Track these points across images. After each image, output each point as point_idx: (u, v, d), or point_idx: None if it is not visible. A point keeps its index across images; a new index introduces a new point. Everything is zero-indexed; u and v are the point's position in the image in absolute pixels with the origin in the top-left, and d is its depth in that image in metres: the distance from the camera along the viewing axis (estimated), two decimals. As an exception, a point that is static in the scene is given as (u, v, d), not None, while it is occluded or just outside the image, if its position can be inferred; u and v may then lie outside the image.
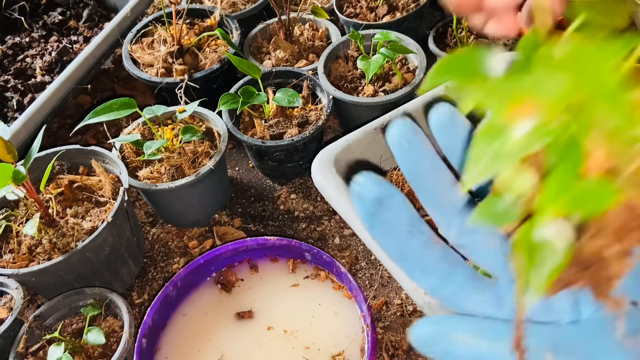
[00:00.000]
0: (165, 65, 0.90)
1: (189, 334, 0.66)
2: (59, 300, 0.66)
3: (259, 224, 0.82)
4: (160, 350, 0.65)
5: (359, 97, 0.80)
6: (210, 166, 0.73)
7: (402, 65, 0.88)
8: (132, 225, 0.73)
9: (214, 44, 0.96)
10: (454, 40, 0.91)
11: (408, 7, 0.98)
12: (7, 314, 0.64)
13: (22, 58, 1.04)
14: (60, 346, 0.60)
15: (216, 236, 0.81)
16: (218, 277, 0.71)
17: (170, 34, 0.93)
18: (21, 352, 0.62)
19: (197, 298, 0.70)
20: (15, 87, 0.98)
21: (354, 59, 0.88)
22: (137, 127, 0.80)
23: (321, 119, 0.79)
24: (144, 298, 0.75)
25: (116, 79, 1.10)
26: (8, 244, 0.68)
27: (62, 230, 0.66)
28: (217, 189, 0.81)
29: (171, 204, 0.79)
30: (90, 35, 1.11)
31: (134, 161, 0.77)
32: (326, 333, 0.64)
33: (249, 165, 0.91)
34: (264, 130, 0.80)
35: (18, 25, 1.13)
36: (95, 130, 0.99)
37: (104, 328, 0.64)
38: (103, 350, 0.63)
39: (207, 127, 0.81)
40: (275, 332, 0.65)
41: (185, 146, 0.76)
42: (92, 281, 0.69)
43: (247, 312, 0.67)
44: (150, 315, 0.64)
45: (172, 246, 0.81)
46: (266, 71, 0.86)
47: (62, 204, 0.70)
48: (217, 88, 0.90)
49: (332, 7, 1.01)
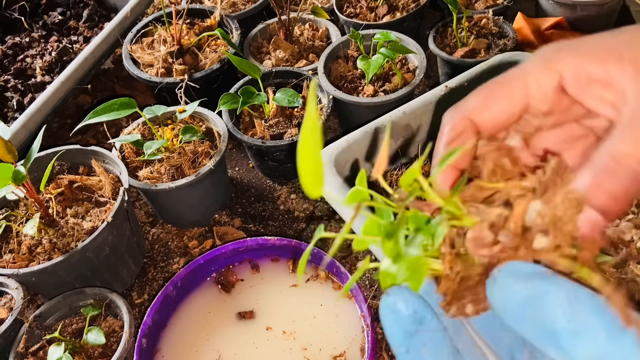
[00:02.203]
0: (165, 65, 0.90)
1: (189, 334, 0.66)
2: (59, 300, 0.66)
3: (259, 224, 0.82)
4: (160, 350, 0.65)
5: (359, 97, 0.80)
6: (210, 166, 0.73)
7: (402, 65, 0.88)
8: (132, 225, 0.73)
9: (214, 44, 0.96)
10: (454, 40, 0.91)
11: (408, 7, 0.98)
12: (7, 314, 0.64)
13: (22, 58, 1.04)
14: (60, 346, 0.60)
15: (216, 236, 0.81)
16: (218, 277, 0.71)
17: (170, 34, 0.93)
18: (21, 352, 0.62)
19: (197, 298, 0.70)
20: (15, 87, 0.98)
21: (354, 59, 0.88)
22: (137, 127, 0.80)
23: (321, 119, 0.79)
24: (144, 298, 0.75)
25: (116, 79, 1.10)
26: (8, 244, 0.68)
27: (62, 230, 0.66)
28: (217, 189, 0.81)
29: (171, 204, 0.79)
30: (90, 35, 1.11)
31: (134, 161, 0.77)
32: (326, 334, 0.64)
33: (249, 165, 0.91)
34: (264, 130, 0.80)
35: (18, 25, 1.13)
36: (95, 130, 0.99)
37: (104, 328, 0.64)
38: (103, 350, 0.63)
39: (207, 127, 0.81)
40: (274, 332, 0.65)
41: (185, 146, 0.76)
42: (92, 281, 0.69)
43: (248, 312, 0.67)
44: (150, 315, 0.64)
45: (172, 246, 0.81)
46: (266, 71, 0.86)
47: (62, 204, 0.71)
48: (217, 88, 0.90)
49: (332, 7, 1.01)
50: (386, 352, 0.65)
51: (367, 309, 0.62)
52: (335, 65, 0.89)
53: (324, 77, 0.84)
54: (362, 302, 0.63)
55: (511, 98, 0.30)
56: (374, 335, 0.60)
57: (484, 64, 0.73)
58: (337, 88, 0.82)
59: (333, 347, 0.63)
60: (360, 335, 0.63)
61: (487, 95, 0.31)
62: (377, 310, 0.69)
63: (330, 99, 0.81)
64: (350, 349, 0.62)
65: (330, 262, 0.67)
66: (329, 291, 0.68)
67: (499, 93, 0.31)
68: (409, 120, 0.68)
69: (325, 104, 0.82)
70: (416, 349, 0.24)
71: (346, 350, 0.62)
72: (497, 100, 0.31)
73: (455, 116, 0.31)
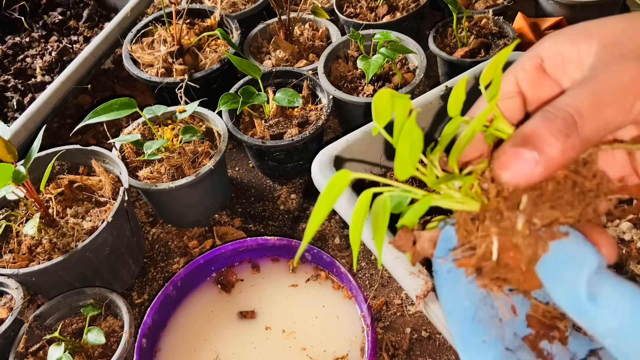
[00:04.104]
0: (165, 65, 0.90)
1: (189, 334, 0.66)
2: (59, 300, 0.66)
3: (259, 224, 0.82)
4: (160, 350, 0.65)
5: (359, 97, 0.80)
6: (210, 166, 0.73)
7: (402, 65, 0.88)
8: (132, 225, 0.73)
9: (214, 44, 0.96)
10: (454, 40, 0.91)
11: (408, 7, 0.98)
12: (7, 314, 0.64)
13: (22, 58, 1.04)
14: (60, 346, 0.60)
15: (216, 236, 0.81)
16: (218, 277, 0.71)
17: (170, 34, 0.93)
18: (21, 352, 0.62)
19: (197, 298, 0.70)
20: (15, 87, 0.98)
21: (354, 59, 0.88)
22: (137, 127, 0.80)
23: (321, 119, 0.79)
24: (144, 298, 0.75)
25: (116, 79, 1.10)
26: (8, 244, 0.68)
27: (62, 230, 0.66)
28: (217, 189, 0.81)
29: (171, 204, 0.79)
30: (90, 35, 1.11)
31: (134, 161, 0.77)
32: (326, 334, 0.64)
33: (249, 165, 0.91)
34: (264, 130, 0.80)
35: (18, 25, 1.13)
36: (95, 130, 0.99)
37: (104, 328, 0.64)
38: (103, 350, 0.63)
39: (207, 127, 0.81)
40: (273, 332, 0.65)
41: (185, 146, 0.76)
42: (92, 281, 0.69)
43: (249, 312, 0.67)
44: (150, 315, 0.64)
45: (172, 246, 0.81)
46: (266, 71, 0.86)
47: (62, 204, 0.71)
48: (217, 88, 0.90)
49: (332, 7, 1.01)
50: (386, 352, 0.65)
51: (367, 309, 0.62)
52: (335, 65, 0.89)
53: (324, 77, 0.84)
54: (362, 302, 0.63)
55: (502, 88, 0.33)
56: (374, 335, 0.60)
57: (484, 64, 0.73)
58: (337, 88, 0.82)
59: (333, 347, 0.63)
60: (360, 335, 0.63)
61: (480, 99, 0.34)
62: (377, 310, 0.69)
63: (330, 99, 0.81)
64: (350, 349, 0.62)
65: (330, 262, 0.67)
66: (329, 291, 0.68)
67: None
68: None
69: (325, 104, 0.82)
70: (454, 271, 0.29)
71: (348, 352, 0.62)
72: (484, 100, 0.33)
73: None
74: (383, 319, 0.69)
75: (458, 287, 0.29)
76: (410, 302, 0.69)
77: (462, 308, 0.28)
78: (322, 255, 0.67)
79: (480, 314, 0.28)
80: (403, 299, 0.71)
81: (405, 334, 0.67)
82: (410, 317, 0.68)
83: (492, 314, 0.28)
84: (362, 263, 0.75)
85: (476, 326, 0.28)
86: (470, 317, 0.28)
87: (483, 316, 0.28)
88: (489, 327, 0.28)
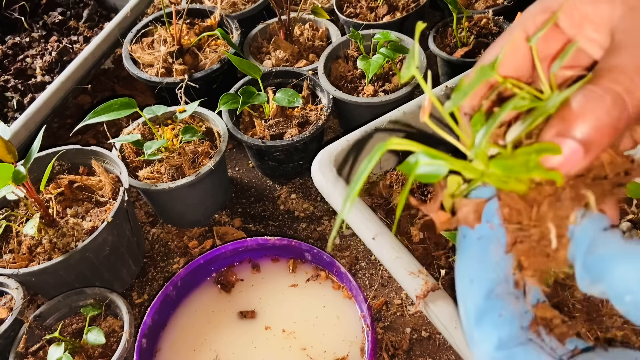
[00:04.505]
0: (165, 65, 0.90)
1: (189, 334, 0.66)
2: (59, 300, 0.66)
3: (259, 224, 0.82)
4: (160, 350, 0.65)
5: (359, 97, 0.80)
6: (210, 166, 0.73)
7: (402, 65, 0.88)
8: (132, 225, 0.73)
9: (214, 44, 0.96)
10: (454, 40, 0.91)
11: (408, 7, 0.98)
12: (7, 314, 0.64)
13: (22, 58, 1.04)
14: (60, 346, 0.60)
15: (216, 236, 0.81)
16: (218, 277, 0.71)
17: (170, 34, 0.93)
18: (21, 352, 0.62)
19: (197, 298, 0.70)
20: (15, 87, 0.98)
21: (354, 59, 0.88)
22: (137, 127, 0.80)
23: (321, 119, 0.79)
24: (144, 298, 0.75)
25: (116, 79, 1.10)
26: (8, 244, 0.68)
27: (62, 230, 0.66)
28: (217, 189, 0.81)
29: (171, 204, 0.79)
30: (90, 35, 1.11)
31: (134, 161, 0.77)
32: (326, 334, 0.64)
33: (249, 165, 0.91)
34: (264, 130, 0.80)
35: (18, 25, 1.13)
36: (95, 130, 0.99)
37: (104, 328, 0.64)
38: (103, 350, 0.63)
39: (207, 127, 0.81)
40: (273, 332, 0.65)
41: (185, 146, 0.76)
42: (92, 281, 0.69)
43: (250, 312, 0.67)
44: (150, 315, 0.64)
45: (172, 246, 0.81)
46: (266, 71, 0.86)
47: (62, 204, 0.71)
48: (217, 88, 0.90)
49: (332, 7, 1.01)
50: (386, 352, 0.65)
51: (367, 309, 0.62)
52: (335, 65, 0.89)
53: (324, 77, 0.84)
54: (362, 302, 0.63)
55: (511, 41, 0.32)
56: (374, 335, 0.60)
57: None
58: (337, 88, 0.82)
59: (333, 347, 0.63)
60: (360, 335, 0.63)
61: (490, 47, 0.33)
62: (377, 310, 0.69)
63: (330, 99, 0.81)
64: (351, 349, 0.62)
65: (330, 262, 0.67)
66: (329, 291, 0.68)
67: (500, 42, 0.33)
68: (409, 121, 0.68)
69: (325, 104, 0.82)
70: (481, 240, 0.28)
71: (348, 352, 0.62)
72: (495, 47, 0.32)
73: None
74: (383, 319, 0.69)
75: (488, 257, 0.28)
76: (410, 302, 0.69)
77: (487, 279, 0.27)
78: (322, 255, 0.67)
79: (500, 289, 0.27)
80: (403, 299, 0.71)
81: (405, 334, 0.67)
82: (410, 317, 0.68)
83: (510, 290, 0.28)
84: (362, 263, 0.75)
85: (494, 299, 0.27)
86: (491, 290, 0.27)
87: (501, 291, 0.27)
88: (507, 302, 0.27)
